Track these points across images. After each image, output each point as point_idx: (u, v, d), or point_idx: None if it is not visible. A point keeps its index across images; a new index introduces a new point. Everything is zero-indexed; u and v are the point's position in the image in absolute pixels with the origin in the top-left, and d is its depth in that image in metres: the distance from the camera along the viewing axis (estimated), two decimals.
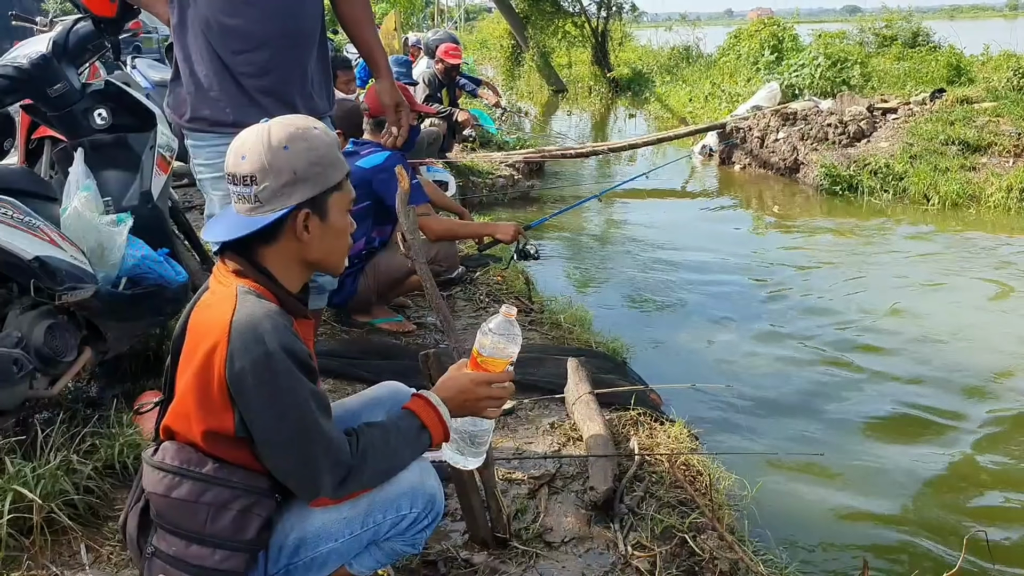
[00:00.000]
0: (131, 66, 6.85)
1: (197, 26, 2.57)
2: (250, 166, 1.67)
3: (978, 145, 9.37)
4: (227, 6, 2.55)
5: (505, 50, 26.09)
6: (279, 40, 2.63)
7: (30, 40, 3.26)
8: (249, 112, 2.50)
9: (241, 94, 2.62)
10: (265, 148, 1.67)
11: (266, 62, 2.62)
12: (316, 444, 1.65)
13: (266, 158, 1.67)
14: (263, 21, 2.59)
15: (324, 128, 1.78)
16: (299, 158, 1.69)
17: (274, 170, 1.67)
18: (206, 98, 2.62)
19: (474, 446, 1.97)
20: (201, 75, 2.61)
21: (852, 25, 17.69)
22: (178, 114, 2.68)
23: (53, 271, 2.64)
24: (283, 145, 1.68)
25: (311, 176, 1.71)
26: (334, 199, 1.77)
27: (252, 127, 1.73)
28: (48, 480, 2.37)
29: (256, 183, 1.67)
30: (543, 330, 4.46)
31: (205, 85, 2.60)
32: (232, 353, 1.60)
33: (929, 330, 5.39)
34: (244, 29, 2.57)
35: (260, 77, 2.63)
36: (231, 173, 1.71)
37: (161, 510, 1.70)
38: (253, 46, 2.59)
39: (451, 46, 8.55)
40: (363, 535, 1.81)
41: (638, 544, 2.54)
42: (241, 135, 1.73)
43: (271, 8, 2.60)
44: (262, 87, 2.63)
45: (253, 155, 1.67)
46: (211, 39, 2.57)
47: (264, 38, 2.60)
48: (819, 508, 3.49)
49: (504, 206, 8.77)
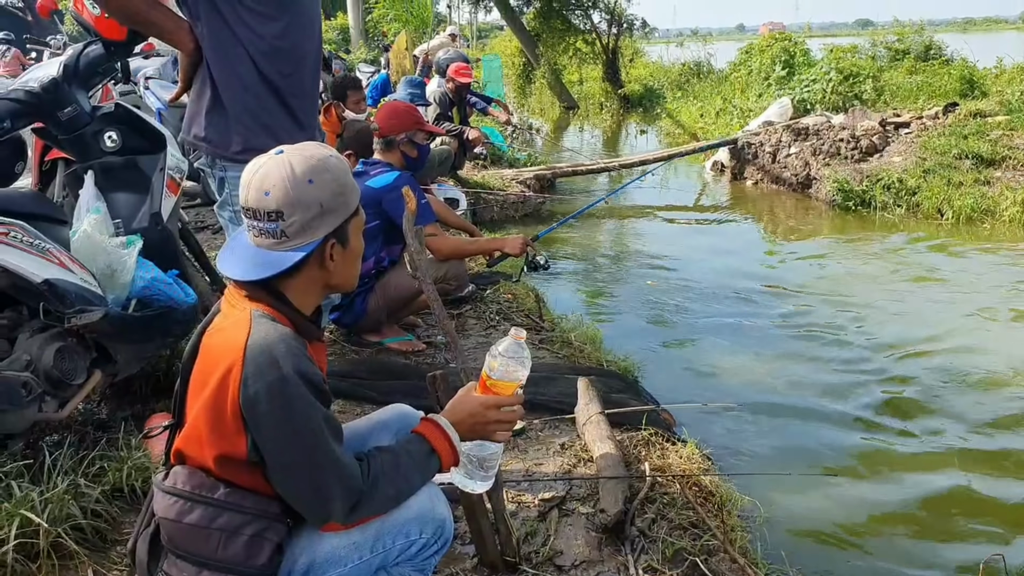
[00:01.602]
0: (143, 87, 6.89)
1: (240, 50, 2.49)
2: (276, 202, 1.64)
3: (992, 159, 9.31)
4: (277, 27, 2.51)
5: (516, 68, 26.20)
6: (314, 61, 2.66)
7: (41, 64, 3.29)
8: (296, 136, 2.47)
9: (290, 118, 2.61)
10: (291, 183, 1.64)
11: (310, 83, 2.65)
12: (328, 470, 1.64)
13: (293, 193, 1.64)
14: (304, 41, 2.60)
15: (336, 154, 1.77)
16: (324, 190, 1.68)
17: (302, 205, 1.65)
18: (257, 126, 2.55)
19: (483, 470, 1.96)
20: (249, 102, 2.53)
21: (864, 39, 17.66)
22: (222, 147, 2.57)
23: (63, 294, 2.64)
24: (308, 179, 1.66)
25: (337, 206, 1.70)
26: (353, 224, 1.77)
27: (267, 158, 1.69)
28: (55, 504, 2.37)
29: (283, 219, 1.65)
30: (553, 348, 4.44)
31: (256, 112, 2.54)
32: (246, 377, 1.59)
33: (945, 348, 5.33)
34: (293, 51, 2.56)
35: (305, 99, 2.64)
36: (252, 208, 1.66)
37: (172, 535, 1.69)
38: (299, 68, 2.60)
39: (461, 65, 8.60)
40: (372, 560, 1.80)
41: (649, 568, 2.52)
42: (259, 167, 1.68)
43: (311, 29, 2.62)
44: (306, 109, 2.66)
45: (278, 190, 1.64)
46: (259, 62, 2.51)
47: (305, 59, 2.62)
48: (833, 530, 3.45)
49: (516, 223, 8.76)
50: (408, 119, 4.17)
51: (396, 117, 4.16)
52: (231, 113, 2.54)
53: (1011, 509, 3.59)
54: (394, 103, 4.62)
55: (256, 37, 2.49)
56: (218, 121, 2.56)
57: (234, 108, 2.53)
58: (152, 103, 6.64)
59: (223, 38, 2.49)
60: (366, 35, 26.87)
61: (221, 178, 2.63)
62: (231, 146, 2.56)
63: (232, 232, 2.70)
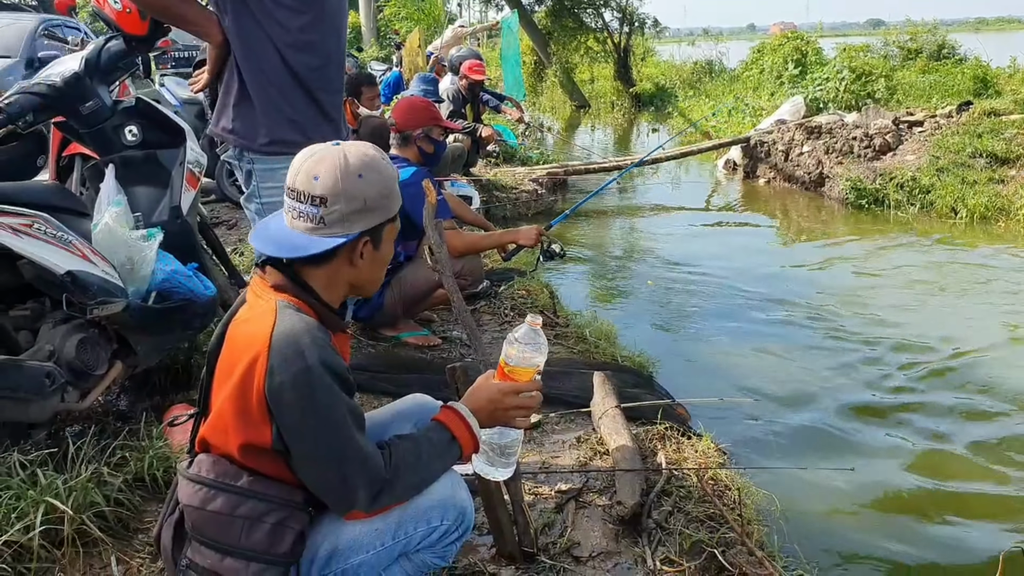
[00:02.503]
0: (159, 83, 6.94)
1: (267, 43, 2.52)
2: (323, 188, 1.67)
3: (1006, 158, 9.26)
4: (303, 20, 2.53)
5: (528, 66, 26.18)
6: (338, 56, 2.69)
7: (63, 58, 3.32)
8: (322, 129, 2.54)
9: (317, 112, 2.63)
10: (342, 173, 1.68)
11: (336, 77, 2.68)
12: (352, 459, 1.66)
13: (341, 183, 1.67)
14: (330, 35, 2.63)
15: (389, 160, 1.80)
16: (371, 188, 1.71)
17: (346, 196, 1.68)
18: (284, 119, 2.58)
19: (504, 456, 1.97)
20: (275, 95, 2.56)
21: (876, 38, 17.62)
22: (249, 139, 2.60)
23: (85, 285, 2.67)
24: (358, 173, 1.69)
25: (379, 207, 1.73)
26: (388, 230, 1.80)
27: (325, 147, 1.73)
28: (79, 492, 2.38)
29: (326, 205, 1.68)
30: (569, 344, 4.45)
31: (282, 106, 2.57)
32: (272, 367, 1.61)
33: (961, 344, 5.32)
34: (320, 45, 2.59)
35: (333, 93, 2.67)
36: (298, 190, 1.69)
37: (196, 523, 1.71)
38: (325, 62, 2.62)
39: (475, 63, 8.61)
40: (394, 547, 1.81)
41: (666, 559, 2.52)
42: (314, 153, 1.72)
43: (337, 22, 2.65)
44: (334, 103, 2.68)
45: (328, 177, 1.67)
46: (287, 56, 2.53)
47: (331, 53, 2.64)
48: (849, 524, 3.45)
49: (528, 220, 8.77)
50: (425, 114, 4.18)
51: (413, 112, 4.18)
52: (258, 106, 2.56)
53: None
54: (411, 98, 4.64)
55: (283, 31, 2.51)
56: (246, 114, 2.59)
57: (261, 101, 2.55)
58: (169, 99, 6.68)
59: (250, 31, 2.51)
60: (377, 33, 26.92)
61: (248, 171, 2.65)
62: (258, 138, 2.58)
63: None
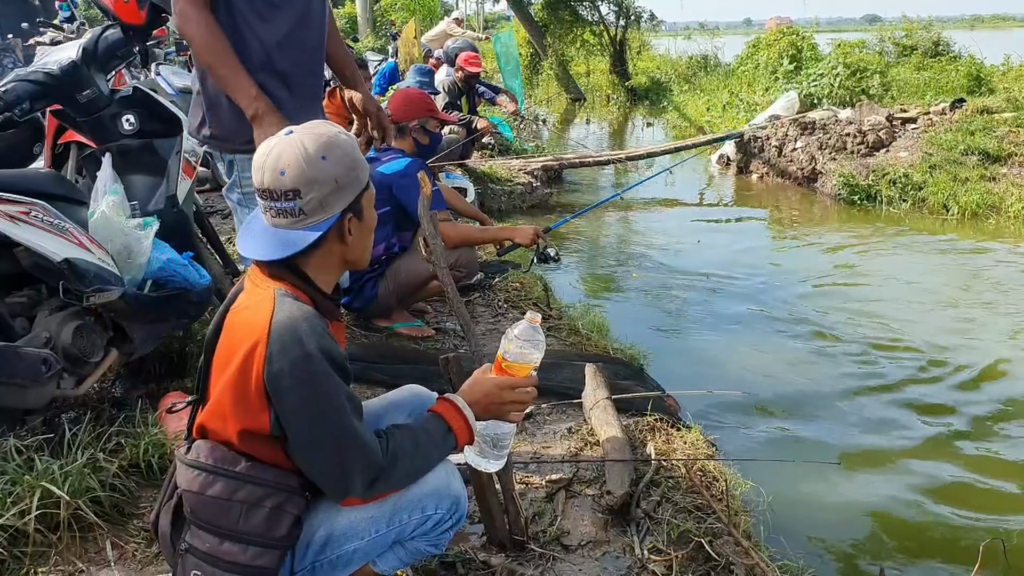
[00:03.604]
0: (155, 73, 6.92)
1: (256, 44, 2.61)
2: (292, 180, 1.68)
3: (998, 155, 9.32)
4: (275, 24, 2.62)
5: (524, 58, 26.14)
6: (315, 49, 2.78)
7: (60, 46, 3.33)
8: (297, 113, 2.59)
9: (296, 103, 2.70)
10: (306, 160, 1.68)
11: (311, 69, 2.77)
12: (349, 445, 1.68)
13: (308, 171, 1.68)
14: (302, 30, 2.70)
15: (343, 130, 1.80)
16: (338, 166, 1.71)
17: (318, 182, 1.69)
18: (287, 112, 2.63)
19: (496, 449, 2.00)
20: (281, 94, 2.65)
21: (871, 35, 17.61)
22: (230, 141, 2.69)
23: (81, 273, 2.69)
24: (321, 155, 1.69)
25: (350, 181, 1.74)
26: (366, 197, 1.81)
27: (278, 139, 1.72)
28: (75, 477, 2.42)
29: (301, 196, 1.68)
30: (561, 336, 4.49)
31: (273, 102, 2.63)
32: (271, 354, 1.63)
33: (948, 340, 5.37)
34: (295, 42, 2.67)
35: (304, 75, 2.75)
36: (269, 189, 1.69)
37: (195, 507, 1.73)
38: (303, 57, 2.71)
39: (471, 55, 8.61)
40: (388, 534, 1.85)
41: (654, 548, 2.56)
42: (271, 149, 1.71)
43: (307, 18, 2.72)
44: (305, 84, 2.76)
45: (294, 169, 1.67)
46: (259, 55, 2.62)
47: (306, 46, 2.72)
48: (835, 515, 3.50)
49: (523, 213, 8.79)
50: (421, 106, 4.20)
51: (409, 103, 4.19)
52: (228, 107, 2.63)
53: (1012, 498, 3.63)
54: (407, 90, 4.65)
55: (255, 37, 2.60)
56: (219, 117, 2.68)
57: (230, 102, 2.61)
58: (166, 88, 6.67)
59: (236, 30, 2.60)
60: (373, 24, 26.84)
61: (230, 161, 2.73)
62: (237, 139, 2.66)
63: (240, 215, 2.78)
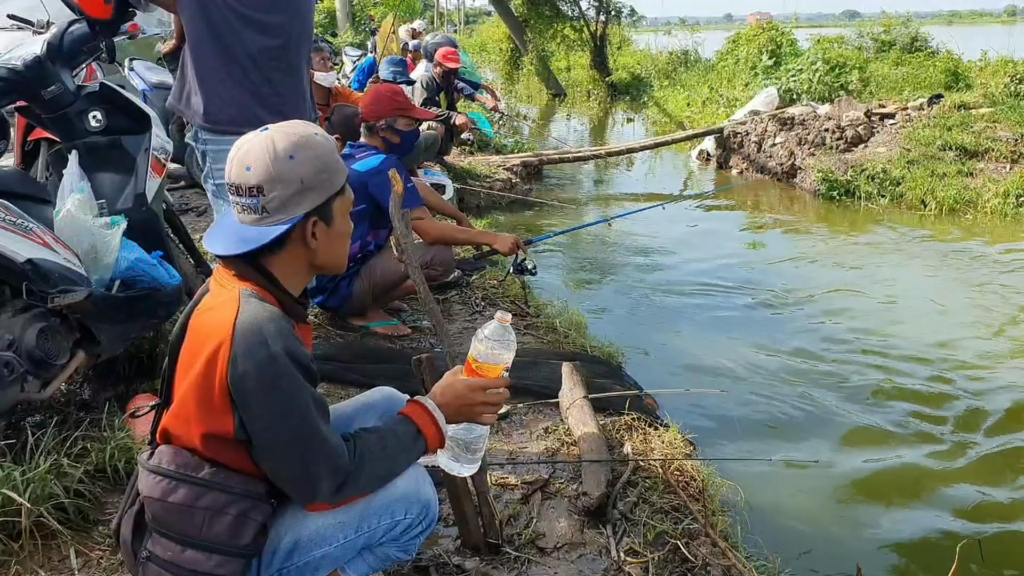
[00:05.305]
0: (128, 68, 6.82)
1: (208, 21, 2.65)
2: (256, 177, 1.65)
3: (975, 151, 9.39)
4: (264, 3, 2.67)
5: (504, 54, 26.11)
6: (298, 35, 2.81)
7: (25, 41, 3.25)
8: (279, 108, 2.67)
9: (271, 91, 2.75)
10: (271, 158, 1.65)
11: (294, 56, 2.79)
12: (315, 449, 1.65)
13: (273, 169, 1.65)
14: (283, 14, 2.74)
15: (323, 133, 1.77)
16: (306, 167, 1.68)
17: (282, 181, 1.66)
18: (229, 97, 2.70)
19: (469, 452, 1.97)
20: (254, 78, 2.70)
21: (851, 30, 17.72)
22: (196, 115, 2.75)
23: (46, 273, 2.63)
24: (289, 155, 1.66)
25: (318, 184, 1.70)
26: (337, 204, 1.77)
27: (253, 135, 1.71)
28: (38, 484, 2.36)
29: (263, 194, 1.66)
30: (538, 334, 4.46)
31: (258, 87, 2.69)
32: (235, 355, 1.59)
33: (924, 336, 5.39)
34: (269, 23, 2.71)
35: (287, 73, 2.79)
36: (235, 184, 1.68)
37: (157, 514, 1.69)
38: (282, 42, 2.75)
39: (449, 50, 8.53)
40: (357, 540, 1.81)
41: (631, 550, 2.54)
42: (243, 144, 1.70)
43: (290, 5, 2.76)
44: (288, 81, 2.79)
45: (259, 165, 1.65)
46: (235, 37, 2.65)
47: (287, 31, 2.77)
48: (813, 514, 3.49)
49: (502, 210, 8.75)
50: (388, 105, 4.04)
51: (377, 102, 4.06)
52: (209, 85, 2.70)
53: (990, 499, 3.63)
54: (378, 87, 4.55)
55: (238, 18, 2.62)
56: (195, 91, 2.74)
57: (206, 79, 2.69)
58: (137, 84, 6.57)
59: (199, 10, 2.64)
60: (352, 19, 26.69)
61: (203, 151, 2.76)
62: (201, 114, 2.73)
63: (216, 206, 2.76)
